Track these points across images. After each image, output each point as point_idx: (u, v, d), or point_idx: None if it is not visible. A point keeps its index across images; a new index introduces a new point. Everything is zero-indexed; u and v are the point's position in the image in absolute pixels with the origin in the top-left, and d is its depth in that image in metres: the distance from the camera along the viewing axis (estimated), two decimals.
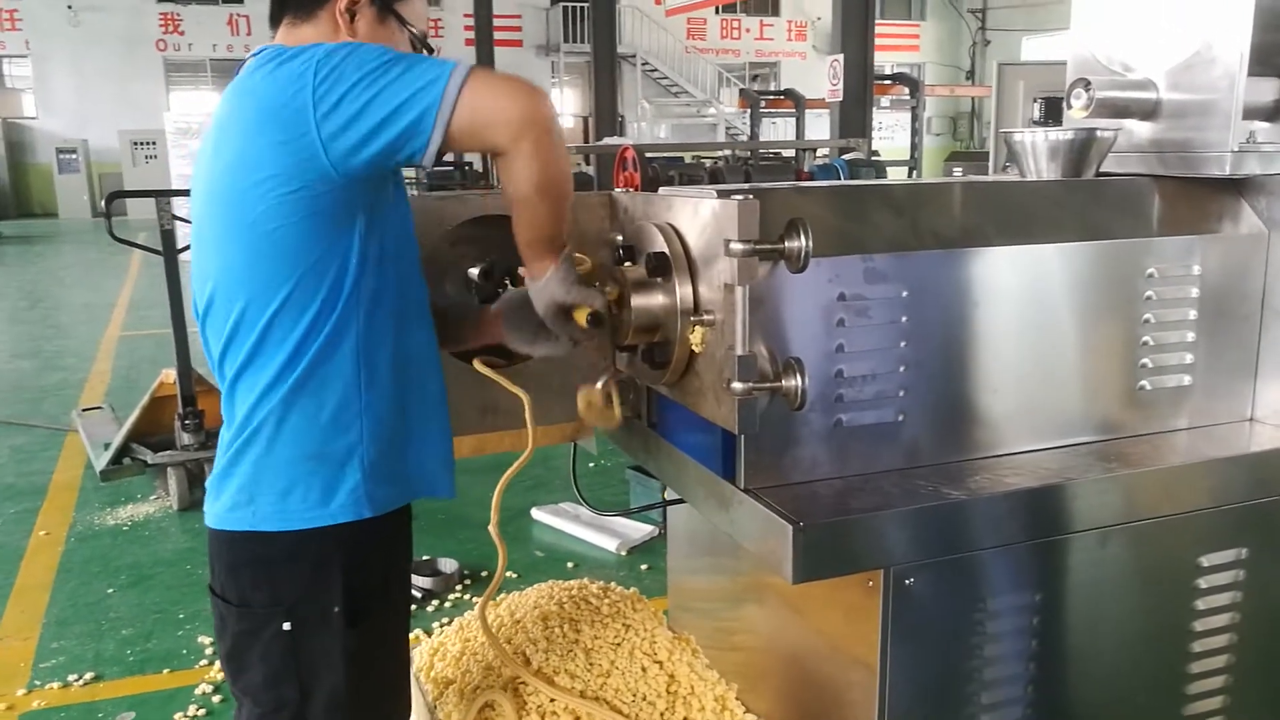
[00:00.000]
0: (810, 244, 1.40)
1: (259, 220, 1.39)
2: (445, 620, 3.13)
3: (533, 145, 1.37)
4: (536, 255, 1.53)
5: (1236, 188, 1.91)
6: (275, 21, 1.58)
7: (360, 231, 1.44)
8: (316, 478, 1.48)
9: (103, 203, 4.71)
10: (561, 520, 4.07)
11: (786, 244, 1.41)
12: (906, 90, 13.77)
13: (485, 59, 20.06)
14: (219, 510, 1.52)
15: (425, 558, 3.61)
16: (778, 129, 20.05)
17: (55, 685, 2.94)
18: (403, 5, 1.59)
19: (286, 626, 1.50)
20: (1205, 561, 1.76)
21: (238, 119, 1.42)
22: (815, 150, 10.71)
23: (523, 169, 1.39)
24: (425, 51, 1.61)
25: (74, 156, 21.17)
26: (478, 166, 14.60)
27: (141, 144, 20.62)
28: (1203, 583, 1.77)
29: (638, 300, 1.64)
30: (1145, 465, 1.71)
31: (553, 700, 1.92)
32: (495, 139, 1.37)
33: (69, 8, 21.15)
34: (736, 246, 1.42)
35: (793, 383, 1.44)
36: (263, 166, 1.37)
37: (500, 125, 1.36)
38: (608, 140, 11.94)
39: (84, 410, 5.35)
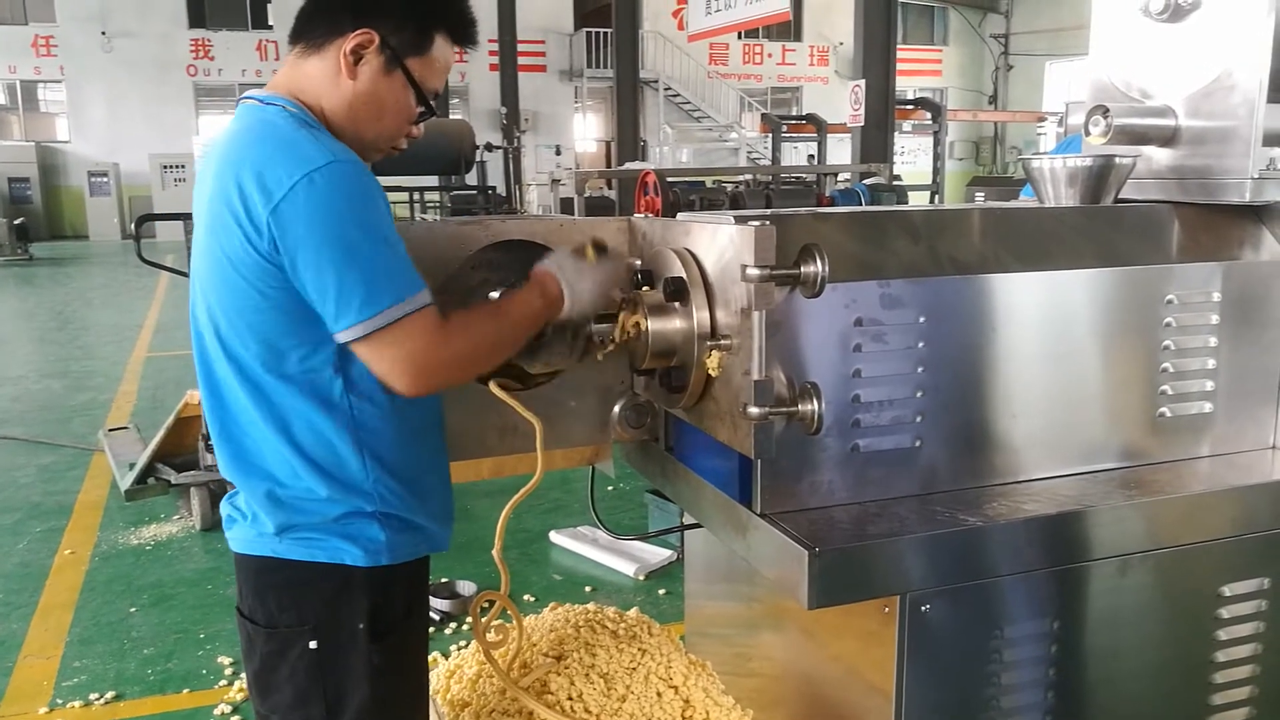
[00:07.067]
0: (826, 269, 1.41)
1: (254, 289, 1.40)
2: (462, 643, 3.13)
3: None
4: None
5: (1256, 214, 1.91)
6: (293, 42, 1.52)
7: None
8: (338, 527, 1.50)
9: (132, 225, 4.79)
10: (580, 544, 4.06)
11: (802, 269, 1.42)
12: (929, 115, 13.77)
13: (509, 84, 20.28)
14: (247, 535, 1.53)
15: (443, 580, 3.61)
16: (799, 153, 20.08)
17: (77, 704, 2.96)
18: (417, 61, 1.48)
19: (313, 645, 1.51)
20: (1227, 591, 1.74)
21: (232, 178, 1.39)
22: (837, 175, 10.73)
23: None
24: (428, 112, 1.54)
25: (105, 179, 21.54)
26: (501, 191, 14.71)
27: (171, 167, 20.94)
28: (1224, 612, 1.75)
29: (655, 325, 1.65)
30: (1166, 493, 1.70)
31: None
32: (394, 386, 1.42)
33: (102, 34, 21.55)
34: (753, 272, 1.43)
35: (809, 407, 1.45)
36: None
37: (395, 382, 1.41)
38: (630, 165, 12.00)
39: (110, 430, 5.40)
